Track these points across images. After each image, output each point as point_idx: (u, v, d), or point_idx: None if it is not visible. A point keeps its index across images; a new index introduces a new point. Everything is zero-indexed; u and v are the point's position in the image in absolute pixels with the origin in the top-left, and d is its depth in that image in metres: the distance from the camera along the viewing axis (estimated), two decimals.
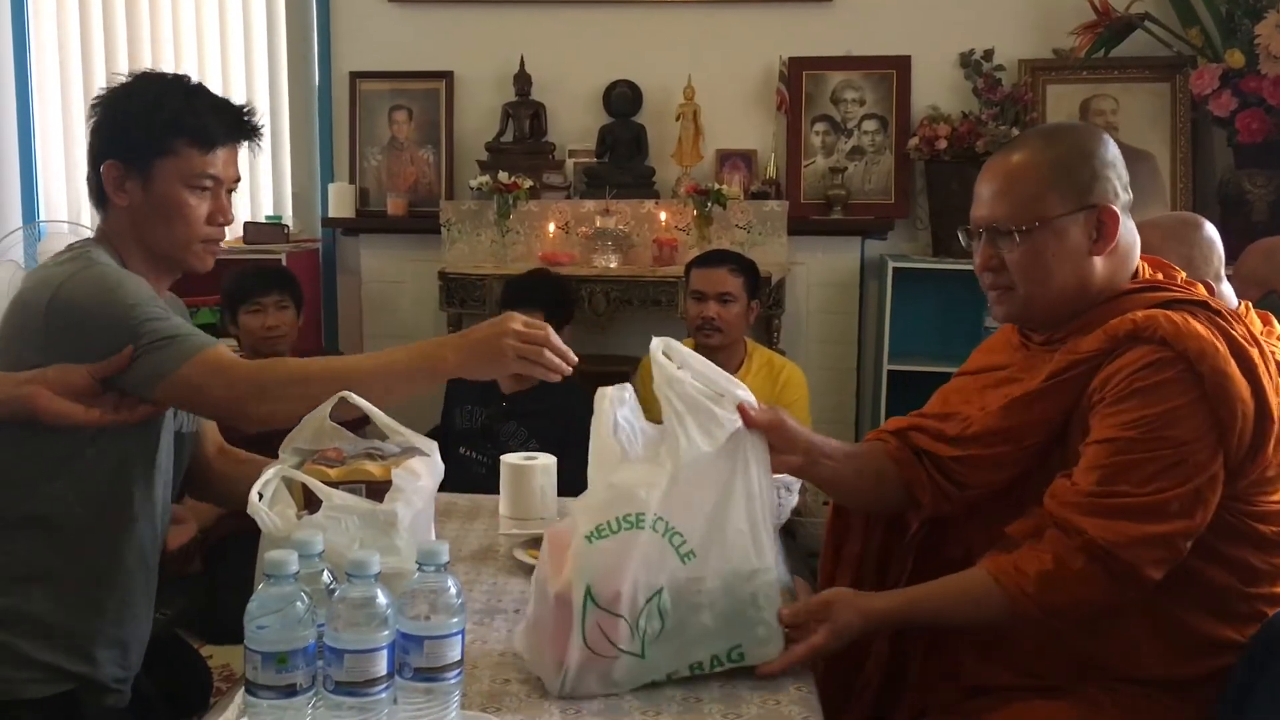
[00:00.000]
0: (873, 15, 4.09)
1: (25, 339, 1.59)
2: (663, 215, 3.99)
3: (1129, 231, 1.56)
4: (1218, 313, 1.48)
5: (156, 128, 1.64)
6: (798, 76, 4.09)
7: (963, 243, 1.64)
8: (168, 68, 3.69)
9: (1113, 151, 1.55)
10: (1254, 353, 1.44)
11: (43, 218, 4.29)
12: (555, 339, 1.59)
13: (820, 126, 4.12)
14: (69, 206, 4.37)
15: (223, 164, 1.68)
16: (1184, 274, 1.60)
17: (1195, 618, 1.48)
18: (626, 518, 1.31)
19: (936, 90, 4.06)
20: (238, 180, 1.74)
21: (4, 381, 1.56)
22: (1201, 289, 1.56)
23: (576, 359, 1.62)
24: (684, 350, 1.42)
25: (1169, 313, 1.45)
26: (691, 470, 1.34)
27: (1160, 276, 1.57)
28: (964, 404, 1.66)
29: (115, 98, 1.69)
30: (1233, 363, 1.41)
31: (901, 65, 4.07)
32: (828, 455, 1.59)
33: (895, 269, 3.89)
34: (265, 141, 1.80)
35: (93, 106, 1.70)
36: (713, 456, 1.36)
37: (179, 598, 2.77)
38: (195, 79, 1.74)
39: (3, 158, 4.26)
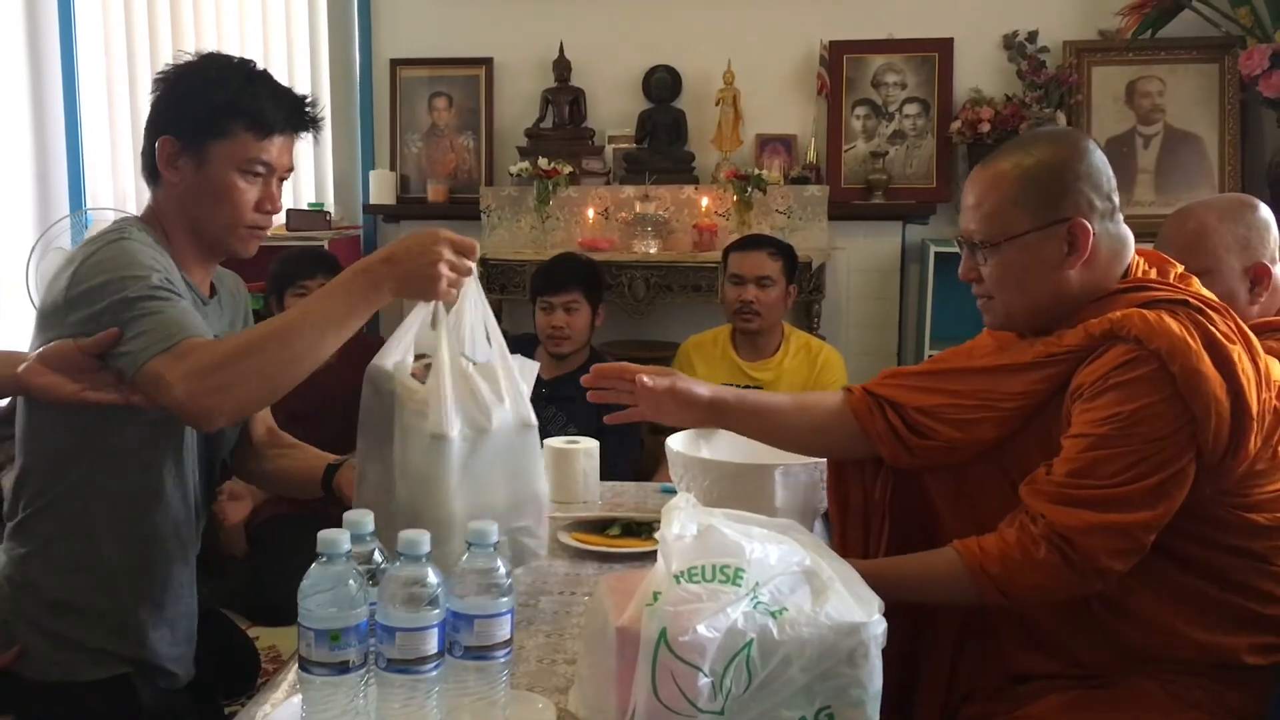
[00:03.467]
0: None
1: (53, 315, 1.58)
2: (703, 200, 3.98)
3: (1113, 237, 1.54)
4: (1200, 310, 1.46)
5: (215, 108, 1.63)
6: (838, 60, 4.06)
7: (959, 251, 1.65)
8: None
9: (1089, 160, 1.52)
10: (1234, 350, 1.42)
11: (90, 206, 4.34)
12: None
13: (861, 110, 4.09)
14: (115, 194, 4.42)
15: (277, 152, 1.67)
16: (1180, 268, 1.59)
17: (1219, 592, 1.49)
18: (724, 569, 1.18)
19: (979, 73, 4.02)
20: (290, 170, 1.73)
21: (6, 361, 1.56)
22: (1196, 284, 1.55)
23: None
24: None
25: (1144, 311, 1.44)
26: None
27: (1154, 273, 1.57)
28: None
29: (180, 74, 1.67)
30: (1206, 360, 1.40)
31: (944, 48, 4.03)
32: (741, 410, 1.67)
33: (937, 253, 3.86)
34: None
35: (156, 80, 1.69)
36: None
37: (215, 579, 2.79)
38: (260, 66, 1.72)
39: (50, 147, 4.33)
